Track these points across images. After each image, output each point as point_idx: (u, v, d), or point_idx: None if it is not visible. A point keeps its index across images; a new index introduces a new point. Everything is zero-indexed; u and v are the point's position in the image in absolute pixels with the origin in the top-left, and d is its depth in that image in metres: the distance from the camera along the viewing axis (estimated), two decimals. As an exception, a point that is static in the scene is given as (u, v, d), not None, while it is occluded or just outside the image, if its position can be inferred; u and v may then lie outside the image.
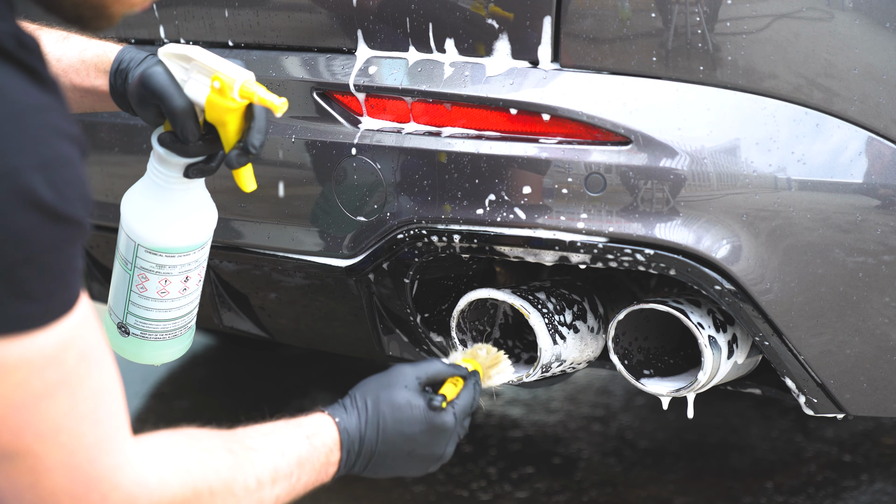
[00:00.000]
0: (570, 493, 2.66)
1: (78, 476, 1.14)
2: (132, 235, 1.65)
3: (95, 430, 1.14)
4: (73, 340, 1.10)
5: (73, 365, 1.11)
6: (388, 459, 1.53)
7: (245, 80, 1.54)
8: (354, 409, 1.52)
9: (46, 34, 1.68)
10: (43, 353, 1.08)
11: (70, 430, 1.12)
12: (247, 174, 1.60)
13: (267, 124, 1.56)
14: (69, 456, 1.13)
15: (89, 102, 1.69)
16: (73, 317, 1.10)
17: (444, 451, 1.57)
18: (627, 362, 1.88)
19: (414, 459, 1.55)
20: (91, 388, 1.13)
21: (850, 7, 1.78)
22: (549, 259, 1.80)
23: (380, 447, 1.51)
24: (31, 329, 1.06)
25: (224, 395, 3.25)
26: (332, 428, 1.48)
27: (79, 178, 1.07)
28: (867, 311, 1.81)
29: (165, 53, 1.58)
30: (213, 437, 1.33)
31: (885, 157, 1.80)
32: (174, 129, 1.57)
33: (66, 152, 1.06)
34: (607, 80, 1.77)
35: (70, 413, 1.12)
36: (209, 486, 1.27)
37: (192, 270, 1.68)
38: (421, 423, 1.54)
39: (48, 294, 1.07)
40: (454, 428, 1.57)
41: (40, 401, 1.10)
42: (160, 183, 1.63)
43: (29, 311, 1.06)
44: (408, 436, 1.53)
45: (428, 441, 1.55)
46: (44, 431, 1.11)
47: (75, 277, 1.09)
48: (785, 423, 3.01)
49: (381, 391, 1.54)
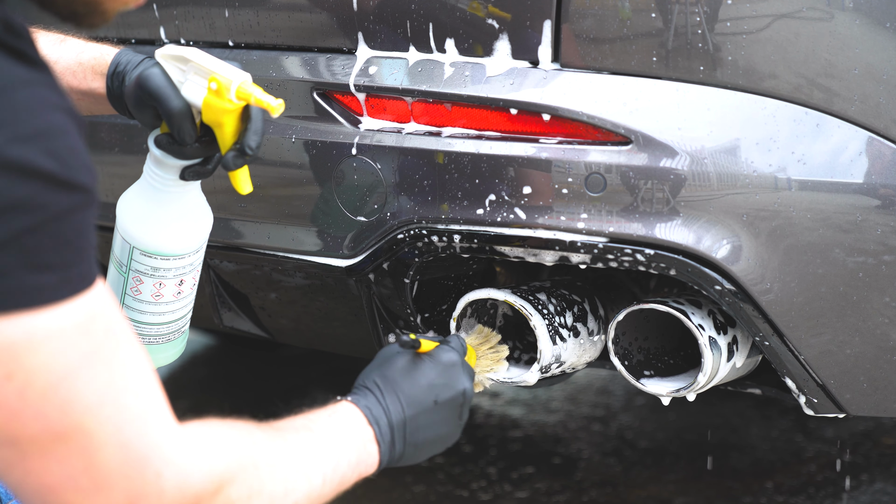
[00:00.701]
0: (570, 493, 2.66)
1: (130, 452, 1.11)
2: (127, 238, 1.65)
3: (137, 403, 1.12)
4: (97, 315, 1.08)
5: (102, 338, 1.09)
6: (420, 420, 1.54)
7: (242, 82, 1.54)
8: (366, 390, 1.54)
9: (43, 37, 1.68)
10: (71, 324, 1.06)
11: (113, 402, 1.09)
12: (243, 176, 1.59)
13: (264, 126, 1.56)
14: (118, 430, 1.10)
15: (86, 105, 1.68)
16: (93, 292, 1.08)
17: (462, 385, 1.59)
18: (627, 362, 1.88)
19: (442, 408, 1.57)
20: (122, 363, 1.11)
21: (850, 7, 1.78)
22: (549, 259, 1.80)
23: (407, 411, 1.53)
24: (50, 302, 1.04)
25: (224, 395, 3.25)
26: (353, 408, 1.50)
27: (77, 146, 1.06)
28: (867, 311, 1.81)
29: (162, 55, 1.58)
30: (242, 423, 1.31)
31: (885, 157, 1.80)
32: (171, 130, 1.57)
33: (59, 122, 1.05)
34: (607, 80, 1.77)
35: (109, 385, 1.09)
36: (254, 462, 1.25)
37: (186, 274, 1.67)
38: (431, 367, 1.57)
39: (64, 264, 1.05)
40: (460, 361, 1.60)
41: (78, 372, 1.07)
42: (156, 185, 1.62)
43: (46, 282, 1.04)
44: (425, 385, 1.56)
45: (445, 380, 1.58)
46: (91, 403, 1.08)
47: (90, 252, 1.08)
48: (785, 423, 3.01)
49: (381, 367, 1.57)
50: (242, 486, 1.23)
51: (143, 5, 2.08)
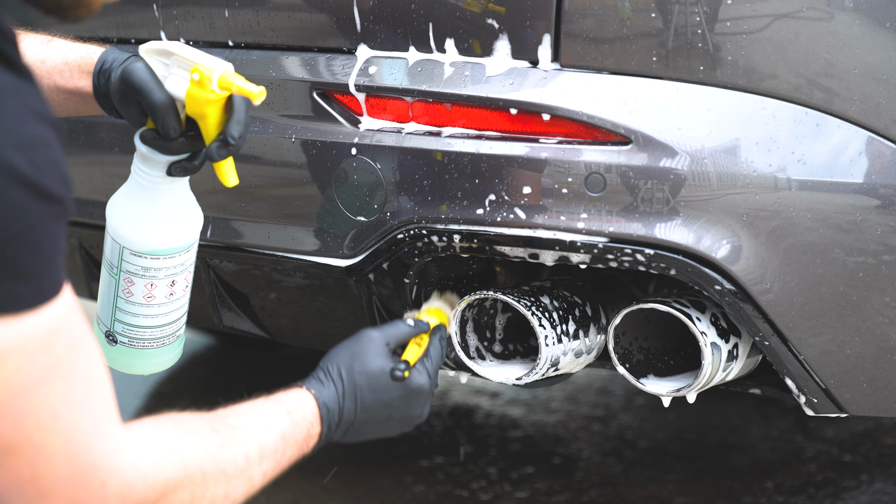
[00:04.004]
0: (570, 493, 2.66)
1: (77, 463, 1.14)
2: (116, 238, 1.64)
3: (90, 416, 1.15)
4: (61, 326, 1.11)
5: (64, 351, 1.11)
6: (366, 426, 1.57)
7: (223, 71, 1.53)
8: (330, 381, 1.55)
9: (30, 38, 1.67)
10: (35, 337, 1.08)
11: (66, 416, 1.12)
12: (228, 167, 1.59)
13: (247, 116, 1.56)
14: (67, 443, 1.13)
15: (73, 105, 1.68)
16: (60, 301, 1.10)
17: (421, 411, 1.61)
18: (628, 362, 1.88)
19: (392, 423, 1.59)
20: (81, 375, 1.14)
21: (850, 7, 1.78)
22: (549, 259, 1.80)
23: (359, 416, 1.55)
24: (23, 310, 1.06)
25: (224, 395, 3.25)
26: (312, 402, 1.52)
27: (57, 158, 1.08)
28: (867, 311, 1.81)
29: (146, 50, 1.57)
30: (196, 420, 1.35)
31: (885, 157, 1.80)
32: (155, 124, 1.57)
33: (43, 133, 1.06)
34: (607, 80, 1.77)
35: (65, 399, 1.12)
36: (200, 467, 1.28)
37: (178, 274, 1.66)
38: (397, 389, 1.58)
39: (38, 274, 1.07)
40: (430, 388, 1.61)
41: (37, 387, 1.09)
42: (144, 183, 1.62)
43: (22, 291, 1.06)
44: (385, 402, 1.57)
45: (405, 405, 1.59)
46: (43, 419, 1.11)
47: (60, 260, 1.10)
48: (785, 423, 3.01)
49: (354, 361, 1.57)
50: (185, 493, 1.26)
51: (142, 4, 2.09)
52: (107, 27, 2.16)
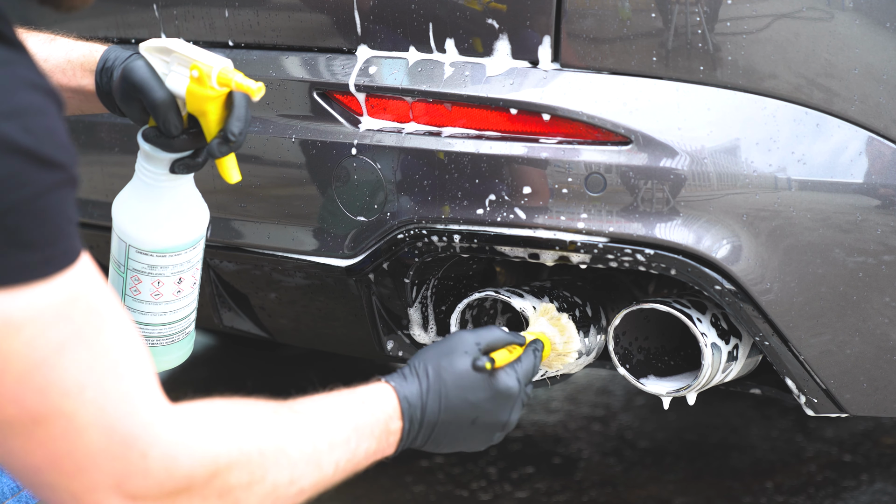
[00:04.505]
0: (570, 493, 2.66)
1: (113, 434, 1.10)
2: (122, 236, 1.64)
3: (121, 384, 1.11)
4: (80, 295, 1.08)
5: (83, 319, 1.08)
6: (451, 429, 1.48)
7: (222, 67, 1.53)
8: (415, 377, 1.47)
9: (33, 36, 1.67)
10: (51, 305, 1.05)
11: (95, 385, 1.09)
12: (230, 164, 1.59)
13: (247, 113, 1.55)
14: (100, 413, 1.09)
15: (76, 103, 1.68)
16: (76, 270, 1.08)
17: (508, 417, 1.52)
18: (628, 363, 1.88)
19: (477, 428, 1.50)
20: (108, 344, 1.10)
21: (850, 7, 1.78)
22: (549, 259, 1.80)
23: (442, 416, 1.46)
24: (33, 280, 1.04)
25: (224, 395, 3.25)
26: (391, 395, 1.43)
27: (55, 126, 1.06)
28: (867, 311, 1.81)
29: (146, 48, 1.58)
30: (254, 403, 1.28)
31: (885, 157, 1.80)
32: (156, 122, 1.57)
33: (37, 101, 1.05)
34: (607, 80, 1.77)
35: (92, 368, 1.08)
36: (258, 446, 1.21)
37: (185, 272, 1.67)
38: (485, 390, 1.49)
39: (46, 243, 1.05)
40: (518, 393, 1.52)
41: (57, 356, 1.06)
42: (148, 181, 1.62)
43: (29, 261, 1.04)
44: (472, 403, 1.48)
45: (492, 407, 1.50)
46: (68, 388, 1.07)
47: (72, 229, 1.07)
48: (785, 423, 3.01)
49: (442, 358, 1.49)
50: (243, 473, 1.19)
51: (142, 4, 2.09)
52: (107, 27, 2.16)
